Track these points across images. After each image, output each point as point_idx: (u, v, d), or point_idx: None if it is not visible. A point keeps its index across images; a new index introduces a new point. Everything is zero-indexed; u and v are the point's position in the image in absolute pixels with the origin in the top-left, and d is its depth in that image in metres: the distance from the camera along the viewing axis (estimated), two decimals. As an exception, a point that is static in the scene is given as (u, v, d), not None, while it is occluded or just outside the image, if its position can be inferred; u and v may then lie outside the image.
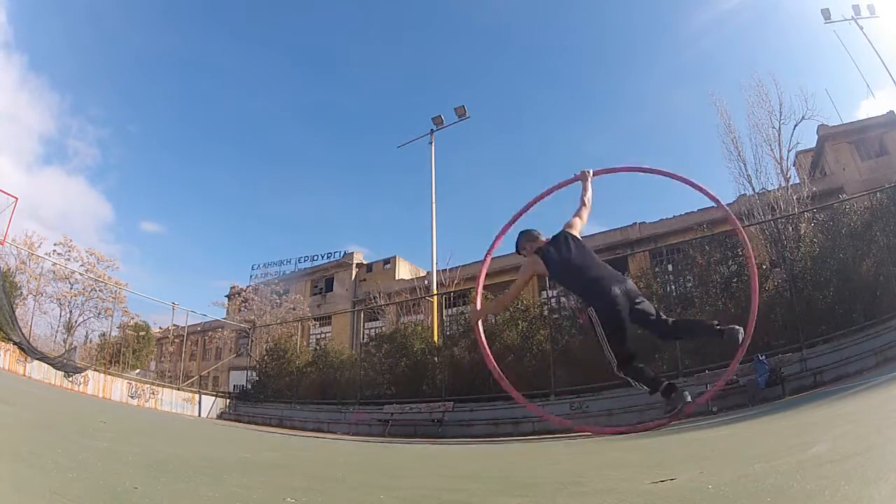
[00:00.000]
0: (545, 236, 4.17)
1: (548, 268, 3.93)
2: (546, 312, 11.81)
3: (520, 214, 4.72)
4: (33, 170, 62.25)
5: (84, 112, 67.22)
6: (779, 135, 14.51)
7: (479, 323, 4.59)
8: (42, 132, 62.46)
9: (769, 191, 14.00)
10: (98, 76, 70.41)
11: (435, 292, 16.53)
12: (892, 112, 19.47)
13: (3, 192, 14.49)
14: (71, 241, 24.31)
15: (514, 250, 4.34)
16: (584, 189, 4.46)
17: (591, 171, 4.59)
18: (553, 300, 12.46)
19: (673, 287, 10.94)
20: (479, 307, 4.86)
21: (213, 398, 16.96)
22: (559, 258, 3.90)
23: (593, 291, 3.76)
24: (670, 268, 12.14)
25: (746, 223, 13.08)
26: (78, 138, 68.95)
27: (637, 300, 3.73)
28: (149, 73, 70.45)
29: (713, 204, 4.52)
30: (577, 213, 4.28)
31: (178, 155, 75.44)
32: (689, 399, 3.53)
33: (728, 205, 19.76)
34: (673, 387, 3.59)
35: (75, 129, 69.51)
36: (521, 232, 4.26)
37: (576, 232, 4.10)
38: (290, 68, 77.41)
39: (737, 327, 3.53)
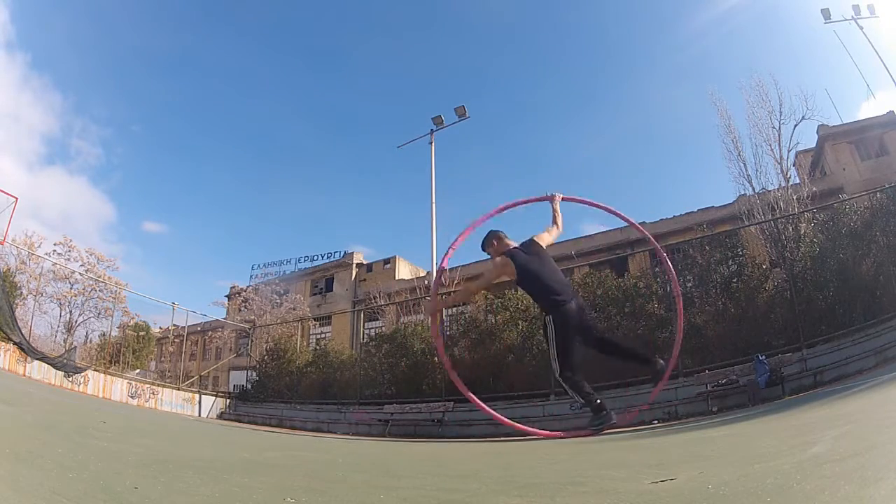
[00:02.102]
0: (514, 241, 4.38)
1: (516, 272, 4.13)
2: (546, 312, 11.80)
3: (487, 217, 4.87)
4: (35, 169, 62.35)
5: (87, 111, 67.38)
6: (779, 135, 14.52)
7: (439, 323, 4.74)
8: (44, 132, 62.56)
9: (769, 191, 13.99)
10: (102, 75, 70.64)
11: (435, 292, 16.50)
12: (892, 112, 19.48)
13: (3, 192, 14.50)
14: (71, 240, 24.38)
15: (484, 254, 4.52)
16: (555, 213, 4.67)
17: (560, 196, 4.78)
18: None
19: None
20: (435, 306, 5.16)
21: (213, 398, 16.96)
22: (526, 265, 4.13)
23: (553, 301, 4.06)
24: (670, 268, 12.12)
25: (746, 223, 13.10)
26: (81, 138, 69.04)
27: (587, 316, 4.21)
28: (153, 72, 70.64)
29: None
30: (548, 230, 4.50)
31: (180, 154, 75.71)
32: (614, 419, 4.04)
33: (728, 205, 19.70)
34: (603, 406, 4.03)
35: (78, 128, 69.67)
36: (489, 231, 4.46)
37: (543, 244, 4.32)
38: (292, 68, 77.61)
39: (661, 361, 4.16)
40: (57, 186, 65.76)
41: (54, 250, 23.72)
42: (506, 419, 4.58)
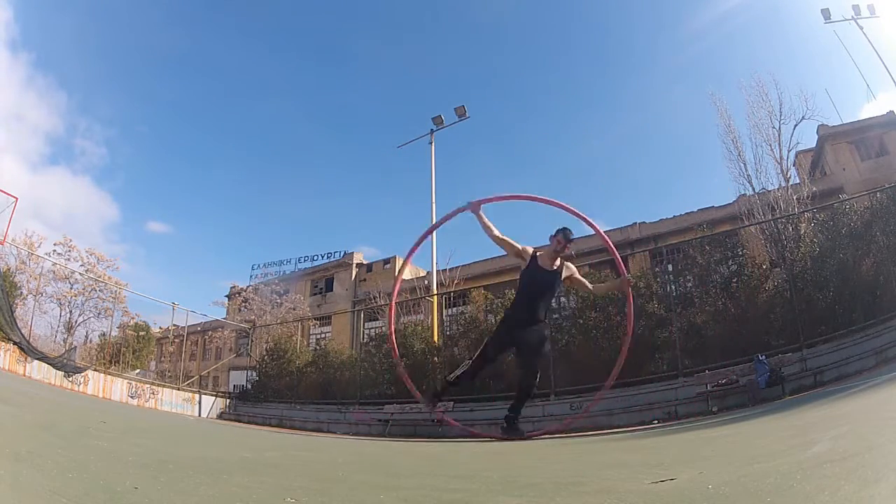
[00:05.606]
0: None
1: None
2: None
3: (421, 240, 5.85)
4: (39, 169, 62.26)
5: (92, 111, 67.25)
6: (779, 135, 14.52)
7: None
8: (49, 131, 62.40)
9: (769, 191, 13.99)
10: (107, 75, 70.50)
11: (435, 292, 16.53)
12: (892, 112, 19.49)
13: (3, 192, 14.50)
14: (71, 240, 24.34)
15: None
16: (483, 227, 4.90)
17: (478, 203, 4.97)
18: (553, 300, 12.45)
19: (673, 287, 10.92)
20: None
21: (213, 398, 16.95)
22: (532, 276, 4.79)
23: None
24: (670, 268, 12.11)
25: (746, 223, 13.10)
26: (85, 137, 68.92)
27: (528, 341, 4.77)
28: (157, 72, 70.60)
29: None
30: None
31: (183, 154, 75.67)
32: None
33: (728, 205, 19.71)
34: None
35: (82, 128, 69.52)
36: (565, 230, 4.83)
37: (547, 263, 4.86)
38: (295, 68, 77.64)
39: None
40: (60, 186, 65.69)
41: (54, 250, 23.71)
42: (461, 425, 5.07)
